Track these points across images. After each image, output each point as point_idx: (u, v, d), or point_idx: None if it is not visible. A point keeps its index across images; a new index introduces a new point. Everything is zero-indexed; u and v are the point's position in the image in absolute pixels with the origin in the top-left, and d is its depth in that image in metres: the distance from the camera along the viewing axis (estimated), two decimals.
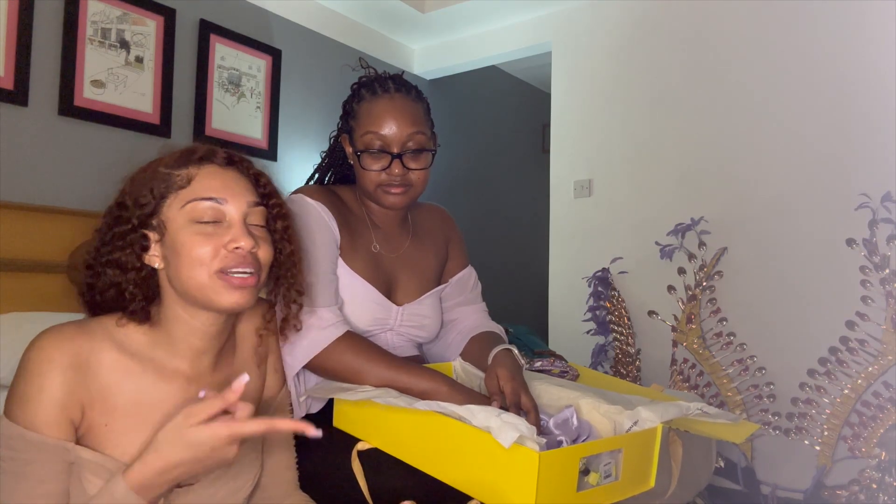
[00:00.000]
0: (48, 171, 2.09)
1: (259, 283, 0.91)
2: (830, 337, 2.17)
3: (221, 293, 0.86)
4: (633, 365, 2.59)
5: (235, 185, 0.90)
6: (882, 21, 2.21)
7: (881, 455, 2.01)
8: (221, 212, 0.88)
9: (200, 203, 0.87)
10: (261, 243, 0.90)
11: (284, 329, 1.04)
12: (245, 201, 0.90)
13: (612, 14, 2.88)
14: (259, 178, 0.95)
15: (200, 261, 0.86)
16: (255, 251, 0.89)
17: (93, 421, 0.84)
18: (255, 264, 0.89)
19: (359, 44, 3.20)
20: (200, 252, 0.86)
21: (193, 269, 0.86)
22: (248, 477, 0.97)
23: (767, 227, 2.40)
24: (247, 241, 0.87)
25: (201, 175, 0.89)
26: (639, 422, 1.00)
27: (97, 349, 0.85)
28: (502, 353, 1.18)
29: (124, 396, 0.86)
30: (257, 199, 0.92)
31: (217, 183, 0.89)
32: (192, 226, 0.87)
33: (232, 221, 0.88)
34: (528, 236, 4.03)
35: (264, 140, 2.75)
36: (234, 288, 0.87)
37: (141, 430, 0.85)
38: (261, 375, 1.03)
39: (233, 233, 0.87)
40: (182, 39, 2.46)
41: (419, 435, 0.99)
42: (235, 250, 0.87)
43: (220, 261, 0.86)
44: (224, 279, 0.86)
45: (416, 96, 1.26)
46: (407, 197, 1.24)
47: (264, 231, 0.93)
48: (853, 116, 2.25)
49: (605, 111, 2.87)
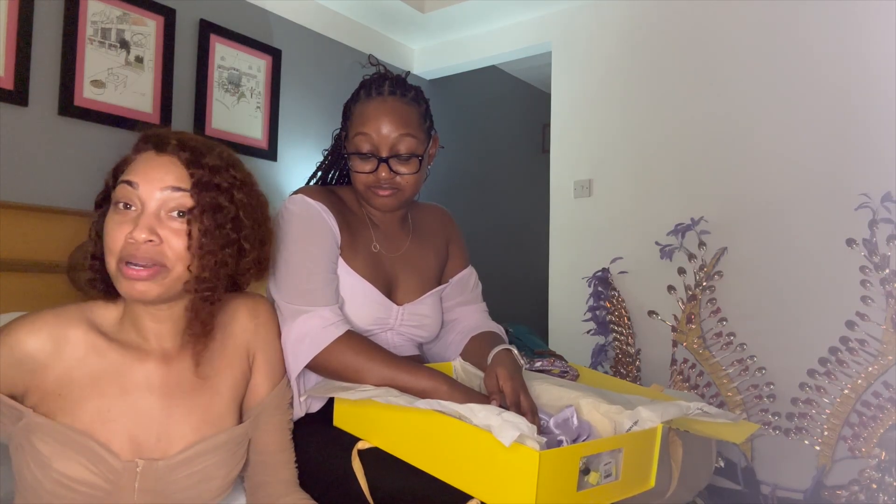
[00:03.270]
0: (48, 171, 2.09)
1: (171, 278, 0.88)
2: (830, 337, 2.17)
3: (122, 283, 0.87)
4: (633, 365, 2.59)
5: (158, 171, 0.88)
6: (882, 21, 2.21)
7: (881, 455, 2.01)
8: (135, 195, 0.87)
9: (120, 187, 0.88)
10: (172, 235, 0.87)
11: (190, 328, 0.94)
12: (159, 187, 0.87)
13: (612, 14, 2.88)
14: (190, 166, 0.89)
15: (110, 249, 0.87)
16: (154, 243, 0.86)
17: (46, 392, 0.87)
18: (158, 257, 0.86)
19: (359, 44, 3.20)
20: (111, 240, 0.87)
21: (107, 256, 0.88)
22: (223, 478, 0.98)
23: (767, 227, 2.40)
24: (144, 233, 0.85)
25: (136, 161, 0.90)
26: (639, 422, 1.00)
27: (66, 325, 0.89)
28: (502, 353, 1.18)
29: (85, 369, 0.89)
30: (178, 184, 0.88)
31: (141, 168, 0.89)
32: (114, 209, 0.88)
33: (144, 208, 0.87)
34: (528, 236, 4.03)
35: (264, 140, 2.75)
36: (131, 280, 0.86)
37: (95, 399, 0.88)
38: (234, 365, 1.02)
39: (136, 221, 0.86)
40: (182, 39, 2.46)
41: (419, 434, 0.99)
42: (131, 241, 0.86)
43: (122, 250, 0.86)
44: (122, 268, 0.86)
45: (413, 99, 1.25)
46: (395, 199, 1.24)
47: (185, 223, 0.88)
48: (853, 116, 2.25)
49: (605, 111, 2.87)
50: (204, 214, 0.89)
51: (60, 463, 0.85)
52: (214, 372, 0.98)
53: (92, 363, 0.89)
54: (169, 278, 0.88)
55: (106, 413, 0.89)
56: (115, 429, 0.89)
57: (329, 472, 1.08)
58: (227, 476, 0.98)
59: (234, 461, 0.99)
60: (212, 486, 0.96)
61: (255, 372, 1.06)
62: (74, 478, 0.85)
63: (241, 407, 1.04)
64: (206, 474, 0.95)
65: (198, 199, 0.89)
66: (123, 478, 0.88)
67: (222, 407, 0.99)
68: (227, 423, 0.99)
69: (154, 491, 0.90)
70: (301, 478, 1.08)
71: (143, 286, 0.86)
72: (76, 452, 0.86)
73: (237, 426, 1.00)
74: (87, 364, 0.89)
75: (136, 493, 0.89)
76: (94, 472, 0.86)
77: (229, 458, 0.98)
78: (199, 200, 0.89)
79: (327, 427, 1.13)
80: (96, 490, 0.87)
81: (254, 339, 1.06)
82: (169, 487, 0.91)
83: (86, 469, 0.86)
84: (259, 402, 1.05)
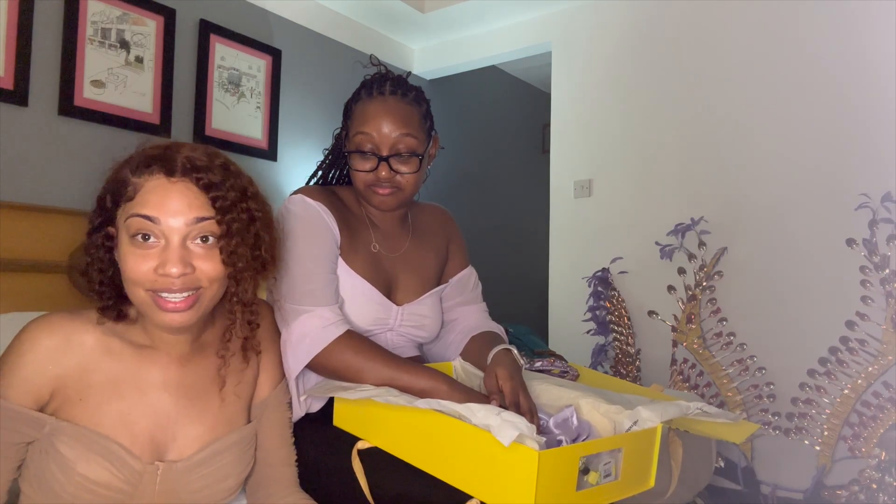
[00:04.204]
0: (48, 171, 2.09)
1: (206, 298, 0.88)
2: (830, 337, 2.17)
3: (157, 313, 0.86)
4: (633, 365, 2.59)
5: (177, 201, 0.85)
6: (882, 21, 2.21)
7: (881, 455, 2.01)
8: (158, 230, 0.84)
9: (137, 220, 0.84)
10: (203, 261, 0.86)
11: (245, 349, 0.99)
12: (184, 220, 0.85)
13: (612, 14, 2.88)
14: (210, 190, 0.87)
15: (134, 281, 0.85)
16: (188, 274, 0.85)
17: (67, 397, 0.87)
18: (193, 284, 0.86)
19: (359, 44, 3.20)
20: (134, 272, 0.84)
21: (130, 286, 0.86)
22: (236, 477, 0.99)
23: (767, 227, 2.40)
24: (176, 268, 0.83)
25: (146, 188, 0.86)
26: (639, 421, 1.00)
27: (81, 331, 0.89)
28: (502, 353, 1.18)
29: (101, 374, 0.89)
30: (203, 213, 0.86)
31: (156, 198, 0.85)
32: (130, 241, 0.85)
33: (168, 241, 0.85)
34: (528, 236, 4.03)
35: (264, 140, 2.75)
36: (167, 311, 0.85)
37: (115, 402, 0.89)
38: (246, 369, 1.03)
39: (163, 256, 0.84)
40: (182, 39, 2.46)
41: (419, 434, 0.99)
42: (164, 276, 0.84)
43: (152, 283, 0.84)
44: (157, 300, 0.85)
45: (414, 99, 1.25)
46: (395, 199, 1.24)
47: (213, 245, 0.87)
48: (853, 116, 2.25)
49: (605, 111, 2.87)
50: (233, 238, 0.88)
51: (84, 466, 0.85)
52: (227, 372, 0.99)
53: (109, 366, 0.90)
54: (205, 299, 0.88)
55: (127, 416, 0.89)
56: (137, 431, 0.89)
57: (329, 471, 1.08)
58: (240, 475, 0.99)
59: (246, 460, 1.00)
60: (226, 486, 0.97)
61: (261, 371, 1.06)
62: (97, 481, 0.86)
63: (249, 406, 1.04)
64: (221, 473, 0.96)
65: (226, 225, 0.88)
66: (144, 480, 0.89)
67: (235, 406, 1.00)
68: (239, 423, 1.00)
69: (172, 492, 0.91)
70: (301, 478, 1.08)
71: (182, 317, 0.86)
72: (100, 456, 0.86)
73: (248, 425, 1.02)
74: (104, 368, 0.89)
75: (154, 495, 0.90)
76: (115, 475, 0.87)
77: (242, 457, 0.99)
78: (227, 225, 0.88)
79: (327, 427, 1.13)
80: (117, 493, 0.87)
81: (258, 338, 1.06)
82: (186, 488, 0.92)
83: (108, 472, 0.86)
84: (262, 401, 1.05)
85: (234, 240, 0.88)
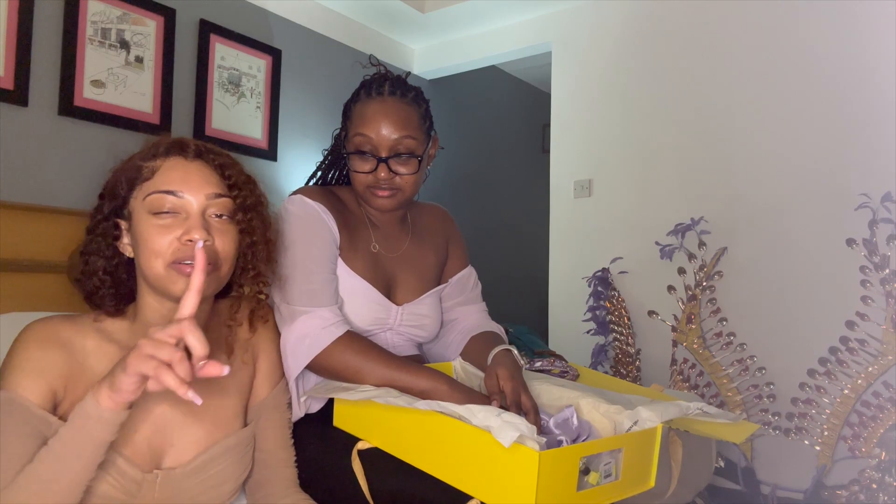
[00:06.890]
0: (48, 171, 2.09)
1: (220, 274, 0.93)
2: (830, 337, 2.17)
3: (176, 281, 0.88)
4: (633, 365, 2.59)
5: (196, 177, 0.92)
6: (881, 21, 2.21)
7: (881, 455, 2.01)
8: (179, 204, 0.90)
9: (158, 196, 0.90)
10: (219, 235, 0.92)
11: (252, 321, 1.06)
12: (203, 193, 0.91)
13: (612, 14, 2.88)
14: (224, 169, 0.95)
15: (156, 252, 0.88)
16: (209, 244, 0.89)
17: (75, 398, 0.87)
18: (212, 256, 0.90)
19: (359, 44, 3.20)
20: (156, 244, 0.88)
21: (150, 259, 0.89)
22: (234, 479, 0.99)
23: (767, 227, 2.40)
24: (199, 234, 0.88)
25: (165, 167, 0.92)
26: (639, 421, 1.00)
27: (81, 334, 0.90)
28: (502, 353, 1.18)
29: None
30: (220, 190, 0.93)
31: (177, 175, 0.91)
32: (151, 217, 0.89)
33: (189, 213, 0.90)
34: (528, 236, 4.03)
35: (264, 140, 2.75)
36: (186, 276, 0.88)
37: None
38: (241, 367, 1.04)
39: (187, 225, 0.89)
40: (182, 39, 2.46)
41: (419, 434, 0.99)
42: (188, 242, 0.88)
43: (174, 252, 0.88)
44: (177, 268, 0.88)
45: (414, 100, 1.25)
46: (394, 200, 1.24)
47: (227, 222, 0.94)
48: (853, 116, 2.25)
49: (605, 111, 2.87)
50: (247, 213, 0.96)
51: None
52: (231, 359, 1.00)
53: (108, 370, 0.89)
54: (215, 276, 0.92)
55: (128, 424, 0.88)
56: (137, 439, 0.89)
57: (329, 472, 1.08)
58: (238, 479, 0.99)
59: (244, 463, 1.00)
60: (224, 490, 0.97)
61: (257, 373, 1.06)
62: (94, 492, 0.85)
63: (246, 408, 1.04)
64: (219, 478, 0.95)
65: (241, 199, 0.95)
66: (143, 489, 0.88)
67: (231, 410, 1.00)
68: (236, 426, 1.00)
69: (170, 498, 0.91)
70: (301, 478, 1.08)
71: None
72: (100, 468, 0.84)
73: (245, 428, 1.01)
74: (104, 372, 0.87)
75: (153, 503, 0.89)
76: (113, 486, 0.86)
77: (240, 461, 0.99)
78: (242, 199, 0.95)
79: (327, 427, 1.13)
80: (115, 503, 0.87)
81: (256, 340, 1.06)
82: (184, 494, 0.92)
83: (106, 483, 0.86)
84: (260, 403, 1.05)
85: (248, 214, 0.96)
